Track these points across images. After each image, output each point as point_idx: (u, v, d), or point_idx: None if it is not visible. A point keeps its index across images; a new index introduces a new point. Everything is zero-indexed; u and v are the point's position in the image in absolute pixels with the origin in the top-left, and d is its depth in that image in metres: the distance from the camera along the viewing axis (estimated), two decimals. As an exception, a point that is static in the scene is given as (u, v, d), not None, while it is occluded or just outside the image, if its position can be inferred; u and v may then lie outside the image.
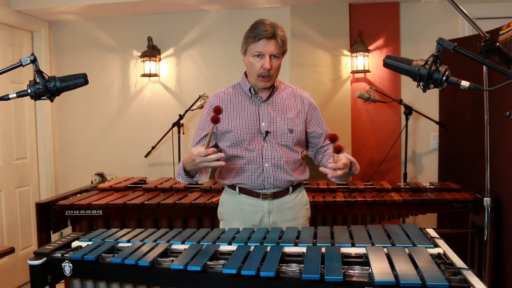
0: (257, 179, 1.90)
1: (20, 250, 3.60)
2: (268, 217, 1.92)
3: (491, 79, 1.96)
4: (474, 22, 1.66)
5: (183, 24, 3.77)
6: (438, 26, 3.52)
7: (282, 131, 1.90)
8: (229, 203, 1.99)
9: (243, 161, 1.90)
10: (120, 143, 3.90)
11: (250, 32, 1.83)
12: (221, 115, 1.89)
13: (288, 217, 1.94)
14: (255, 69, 1.84)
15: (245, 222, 1.92)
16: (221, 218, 2.04)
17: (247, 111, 1.92)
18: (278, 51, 1.82)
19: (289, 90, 1.99)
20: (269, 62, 1.81)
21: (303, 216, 2.01)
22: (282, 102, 1.94)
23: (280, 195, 1.93)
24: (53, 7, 3.45)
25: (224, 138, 1.93)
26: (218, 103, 1.94)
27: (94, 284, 1.51)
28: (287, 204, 1.95)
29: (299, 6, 3.58)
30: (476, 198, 2.67)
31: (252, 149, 1.89)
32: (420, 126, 3.60)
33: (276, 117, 1.91)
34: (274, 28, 1.80)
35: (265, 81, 1.85)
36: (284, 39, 1.84)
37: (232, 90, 1.98)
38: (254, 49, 1.82)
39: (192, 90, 3.74)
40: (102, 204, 2.60)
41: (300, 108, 1.96)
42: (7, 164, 3.50)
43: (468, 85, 1.31)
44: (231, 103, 1.94)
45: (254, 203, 1.93)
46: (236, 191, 1.95)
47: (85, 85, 1.53)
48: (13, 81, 3.50)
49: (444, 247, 1.46)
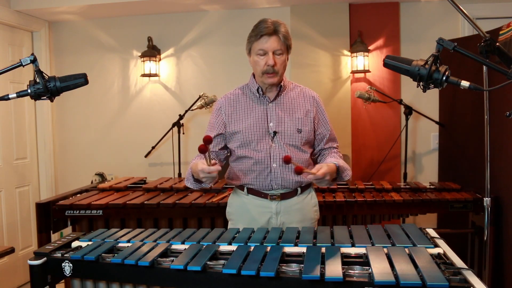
0: (265, 180, 1.89)
1: (20, 250, 3.60)
2: (276, 218, 1.91)
3: (491, 79, 1.96)
4: (474, 22, 1.66)
5: (183, 24, 3.77)
6: (438, 26, 3.51)
7: (290, 131, 1.89)
8: (237, 204, 1.99)
9: (251, 161, 1.89)
10: (120, 143, 3.90)
11: (252, 31, 1.84)
12: (231, 116, 1.92)
13: (296, 219, 1.92)
14: (259, 67, 1.84)
15: (253, 223, 1.91)
16: (230, 218, 2.04)
17: (255, 111, 1.91)
18: (281, 46, 1.82)
19: (297, 89, 1.99)
20: (272, 58, 1.80)
21: (312, 218, 1.99)
22: (291, 102, 1.93)
23: (288, 196, 1.92)
24: (53, 7, 3.45)
25: (233, 139, 1.93)
26: (227, 105, 1.95)
27: (94, 284, 1.51)
28: (295, 206, 1.93)
29: (299, 6, 3.58)
30: (476, 198, 2.67)
31: (260, 149, 1.89)
32: (420, 126, 3.60)
33: (284, 117, 1.90)
34: (275, 25, 1.81)
35: (270, 77, 1.84)
36: (287, 34, 1.84)
37: (241, 91, 1.98)
38: (257, 47, 1.82)
39: (192, 90, 3.74)
40: (102, 204, 2.60)
41: (309, 108, 1.95)
42: (7, 164, 3.50)
43: (468, 85, 1.31)
44: (240, 104, 1.94)
45: (262, 204, 1.92)
46: (244, 192, 1.95)
47: (85, 85, 1.53)
48: (13, 81, 3.50)
49: (444, 247, 1.46)
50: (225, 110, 1.95)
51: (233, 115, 1.93)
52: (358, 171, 3.63)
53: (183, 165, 3.64)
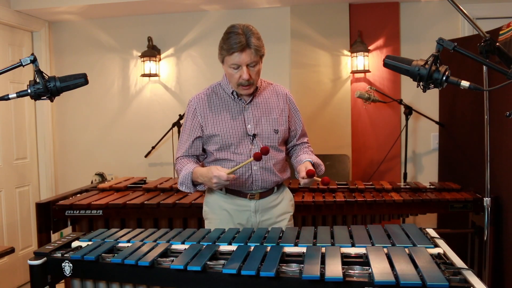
0: (245, 182, 1.90)
1: (20, 250, 3.60)
2: (255, 216, 1.93)
3: (491, 79, 1.96)
4: (474, 22, 1.66)
5: (183, 24, 3.77)
6: (438, 26, 3.51)
7: (268, 133, 1.90)
8: (215, 202, 1.98)
9: (231, 164, 1.88)
10: (120, 143, 3.90)
11: (223, 43, 1.78)
12: (207, 118, 1.90)
13: (275, 214, 1.95)
14: (234, 79, 1.82)
15: (231, 221, 1.92)
16: (206, 217, 2.02)
17: (232, 113, 1.90)
18: (254, 59, 1.78)
19: (270, 88, 1.98)
20: (246, 72, 1.77)
21: (289, 212, 2.02)
22: (265, 102, 1.94)
23: (266, 195, 1.95)
24: (53, 7, 3.45)
25: (211, 142, 1.91)
26: (201, 106, 1.91)
27: (94, 284, 1.51)
28: (273, 202, 1.96)
29: (299, 6, 3.58)
30: (476, 198, 2.67)
31: (240, 152, 1.89)
32: (420, 126, 3.60)
33: (261, 118, 1.91)
34: (247, 37, 1.74)
35: (245, 89, 1.84)
36: (259, 46, 1.77)
37: (212, 91, 1.95)
38: (230, 61, 1.78)
39: (192, 90, 3.74)
40: (102, 204, 2.60)
41: (282, 106, 1.96)
42: (7, 164, 3.50)
43: (468, 85, 1.31)
44: (215, 106, 1.92)
45: (241, 203, 1.93)
46: (223, 191, 1.95)
47: (85, 85, 1.53)
48: (13, 81, 3.50)
49: (444, 247, 1.46)
50: (200, 112, 1.91)
51: (209, 117, 1.90)
52: (358, 171, 3.63)
53: (183, 165, 3.64)
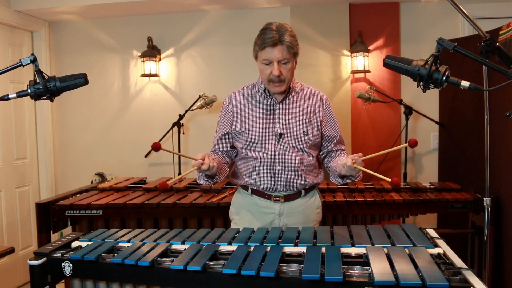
0: (269, 182, 1.89)
1: (20, 250, 3.60)
2: (279, 220, 1.91)
3: (491, 79, 1.96)
4: (474, 22, 1.66)
5: (183, 24, 3.77)
6: (438, 26, 3.51)
7: (296, 134, 1.88)
8: (241, 204, 1.99)
9: (255, 162, 1.89)
10: (120, 143, 3.90)
11: (257, 39, 1.80)
12: (237, 115, 1.92)
13: (299, 221, 1.92)
14: (265, 75, 1.83)
15: (256, 223, 1.91)
16: (232, 218, 2.04)
17: (262, 112, 1.90)
18: (286, 56, 1.77)
19: (306, 91, 1.96)
20: (277, 69, 1.77)
21: (314, 220, 1.99)
22: (298, 103, 1.92)
23: (292, 198, 1.92)
24: (53, 7, 3.45)
25: (239, 139, 1.93)
26: (234, 103, 1.95)
27: (94, 284, 1.51)
28: (298, 208, 1.93)
29: (299, 6, 3.58)
30: (476, 198, 2.67)
31: (265, 151, 1.88)
32: (420, 126, 3.60)
33: (291, 119, 1.89)
34: (280, 33, 1.75)
35: (276, 86, 1.83)
36: (292, 42, 1.77)
37: (249, 90, 1.97)
38: (262, 56, 1.80)
39: (192, 90, 3.74)
40: (102, 204, 2.60)
41: (316, 110, 1.93)
42: (7, 164, 3.50)
43: (468, 85, 1.31)
44: (246, 103, 1.93)
45: (266, 204, 1.92)
46: (248, 192, 1.95)
47: (85, 85, 1.53)
48: (13, 81, 3.50)
49: (444, 247, 1.46)
50: (232, 108, 1.95)
51: (239, 114, 1.92)
52: (358, 171, 3.62)
53: (183, 165, 3.64)
